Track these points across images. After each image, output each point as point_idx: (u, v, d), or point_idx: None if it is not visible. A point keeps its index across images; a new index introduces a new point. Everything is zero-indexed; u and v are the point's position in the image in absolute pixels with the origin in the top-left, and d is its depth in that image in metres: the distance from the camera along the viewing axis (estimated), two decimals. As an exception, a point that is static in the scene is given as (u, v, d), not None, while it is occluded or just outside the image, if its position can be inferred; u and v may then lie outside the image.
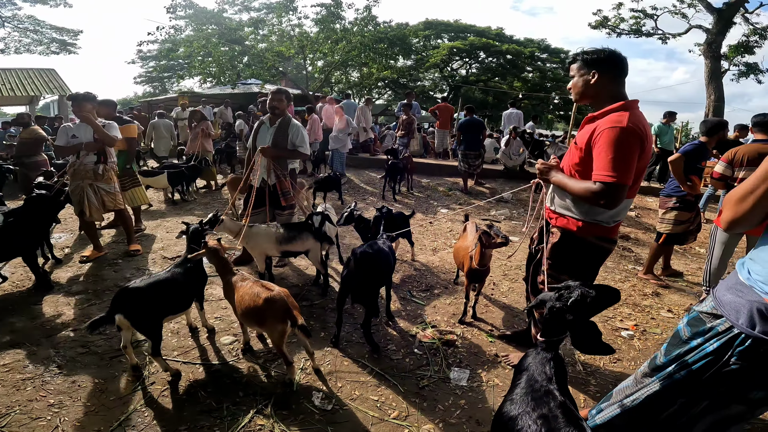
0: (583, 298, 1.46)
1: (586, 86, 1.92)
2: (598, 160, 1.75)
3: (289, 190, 3.72)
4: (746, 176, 3.29)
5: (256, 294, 2.23)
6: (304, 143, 3.67)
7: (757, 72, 13.58)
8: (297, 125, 3.67)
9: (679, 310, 3.57)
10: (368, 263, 2.63)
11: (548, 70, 25.63)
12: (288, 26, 13.05)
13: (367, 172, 8.60)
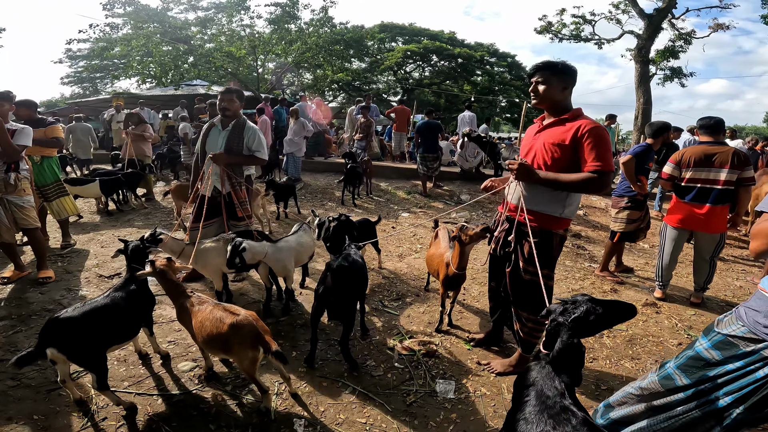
0: (588, 314, 1.44)
1: (554, 93, 2.12)
2: (592, 153, 1.96)
3: (245, 200, 3.43)
4: (692, 176, 3.49)
5: (219, 319, 1.99)
6: (262, 147, 3.37)
7: (681, 76, 14.75)
8: (253, 128, 3.36)
9: (638, 305, 3.69)
10: (346, 277, 2.46)
11: (496, 74, 26.66)
12: (239, 26, 12.50)
13: (323, 177, 8.34)
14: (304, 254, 3.25)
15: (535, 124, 2.36)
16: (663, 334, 3.23)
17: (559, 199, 2.14)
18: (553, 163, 2.09)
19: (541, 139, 2.18)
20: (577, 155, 2.03)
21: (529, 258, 2.11)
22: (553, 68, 2.11)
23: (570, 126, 2.07)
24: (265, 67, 14.20)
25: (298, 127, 7.28)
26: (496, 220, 2.51)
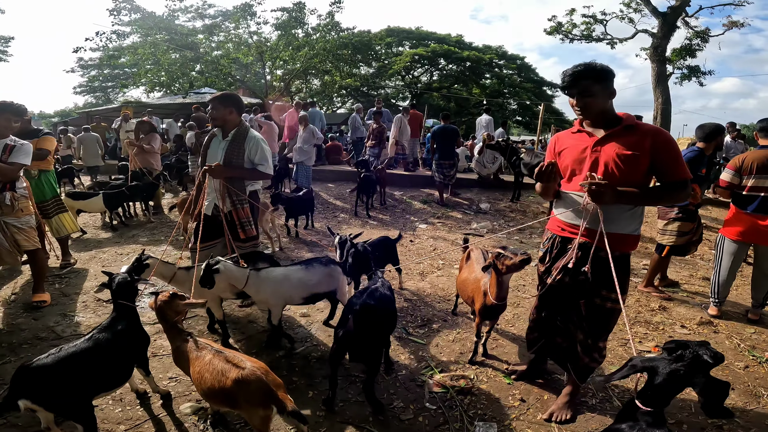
0: (717, 359, 1.32)
1: (603, 103, 1.90)
2: (676, 162, 1.84)
3: (248, 220, 3.01)
4: (755, 184, 3.09)
5: (221, 372, 1.69)
6: (266, 160, 2.99)
7: (699, 74, 14.26)
8: (256, 138, 2.98)
9: (692, 324, 3.32)
10: (372, 319, 2.11)
11: (506, 77, 26.33)
12: (246, 33, 12.38)
13: (334, 186, 8.04)
14: (295, 292, 2.66)
15: (572, 132, 2.05)
16: (728, 356, 2.85)
17: (636, 215, 1.95)
18: (627, 175, 1.85)
19: (608, 151, 1.88)
20: (653, 164, 1.85)
21: (610, 285, 1.85)
22: (596, 75, 1.85)
23: (643, 132, 1.86)
24: (273, 73, 14.07)
25: (308, 135, 6.99)
26: (554, 244, 2.15)
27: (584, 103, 1.89)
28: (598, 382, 2.31)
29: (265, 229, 4.65)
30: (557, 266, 2.08)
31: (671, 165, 1.83)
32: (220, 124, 2.98)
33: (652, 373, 1.36)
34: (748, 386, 2.53)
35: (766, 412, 2.30)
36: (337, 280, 2.74)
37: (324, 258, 2.82)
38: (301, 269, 2.67)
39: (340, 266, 2.78)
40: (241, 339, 2.96)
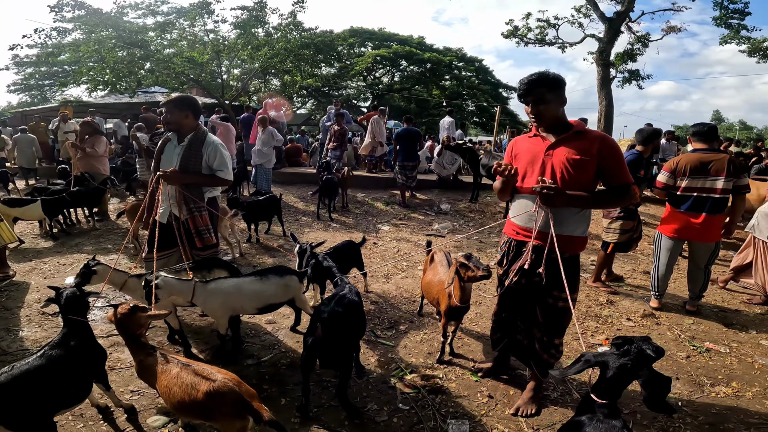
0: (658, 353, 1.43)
1: (556, 110, 2.01)
2: (619, 166, 1.97)
3: (206, 228, 2.88)
4: (688, 185, 3.37)
5: (191, 386, 1.64)
6: (225, 166, 2.86)
7: (639, 78, 15.26)
8: (215, 143, 2.85)
9: (636, 317, 3.57)
10: (341, 326, 2.11)
11: (464, 78, 26.97)
12: (202, 31, 11.88)
13: (294, 189, 7.91)
14: (248, 303, 2.59)
15: (528, 137, 2.17)
16: (669, 347, 3.09)
17: (585, 218, 2.07)
18: (576, 179, 1.97)
19: (559, 156, 2.00)
20: (600, 169, 1.98)
21: (561, 285, 1.94)
22: (549, 84, 1.96)
23: (590, 139, 1.99)
24: (230, 73, 13.61)
25: (267, 137, 6.83)
26: (510, 248, 2.25)
27: (538, 111, 2.00)
28: (554, 377, 2.43)
29: (224, 235, 4.50)
30: (514, 269, 2.17)
31: (616, 170, 1.96)
32: (174, 128, 2.84)
33: (603, 367, 1.45)
34: (691, 376, 2.73)
35: (710, 401, 2.48)
36: (294, 289, 2.69)
37: (279, 268, 2.76)
38: (255, 280, 2.61)
39: (298, 275, 2.73)
40: (205, 349, 2.87)
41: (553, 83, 1.97)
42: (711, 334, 3.32)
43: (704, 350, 3.05)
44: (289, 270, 2.74)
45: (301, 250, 2.91)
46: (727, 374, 2.75)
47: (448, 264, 2.82)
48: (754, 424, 2.25)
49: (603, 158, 1.95)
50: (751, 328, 3.46)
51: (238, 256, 4.71)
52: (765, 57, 13.14)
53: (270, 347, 2.88)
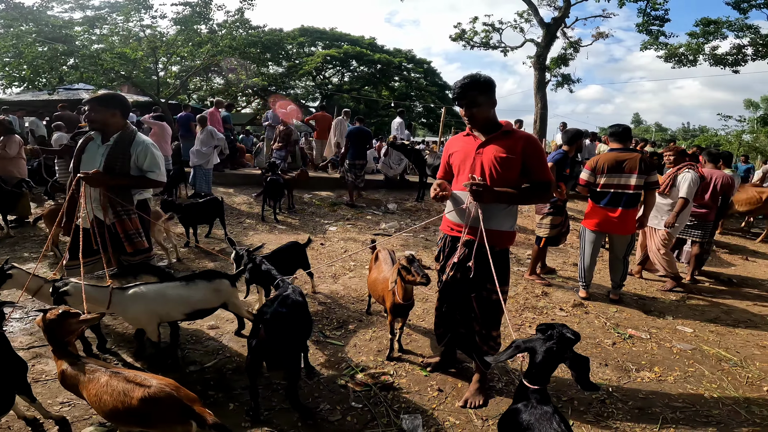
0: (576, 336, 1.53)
1: (487, 112, 2.14)
2: (541, 165, 2.11)
3: (137, 231, 2.74)
4: (606, 182, 3.67)
5: (123, 393, 1.57)
6: (157, 167, 2.71)
7: (570, 82, 16.33)
8: (144, 143, 2.70)
9: (568, 307, 3.82)
10: (285, 327, 2.08)
11: (413, 80, 27.45)
12: (137, 26, 11.15)
13: (239, 191, 7.62)
14: (173, 309, 2.46)
15: (463, 136, 2.29)
16: (597, 334, 3.34)
17: (511, 213, 2.20)
18: (503, 176, 2.09)
19: (488, 154, 2.12)
20: (524, 166, 2.11)
21: (493, 278, 2.02)
22: (480, 87, 2.09)
23: (516, 138, 2.11)
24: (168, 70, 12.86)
25: (206, 137, 6.53)
26: (446, 243, 2.33)
27: (471, 113, 2.13)
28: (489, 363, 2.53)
29: (158, 239, 4.25)
30: (450, 263, 2.26)
31: (538, 167, 2.10)
32: (99, 127, 2.66)
33: (532, 352, 1.53)
34: (618, 362, 2.94)
35: (637, 386, 2.67)
36: (225, 294, 2.59)
37: (209, 272, 2.65)
38: (180, 285, 2.48)
39: (230, 279, 2.64)
40: (143, 357, 2.71)
41: (484, 86, 2.10)
42: (633, 321, 3.62)
43: (628, 337, 3.32)
44: (219, 274, 2.63)
45: (237, 255, 2.82)
46: (650, 359, 3.00)
47: (392, 262, 2.87)
48: (678, 407, 2.45)
49: (527, 156, 2.08)
50: (668, 314, 3.83)
51: (175, 261, 4.46)
52: (679, 62, 14.53)
53: (213, 353, 2.77)
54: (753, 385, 2.75)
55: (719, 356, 3.10)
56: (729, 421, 2.34)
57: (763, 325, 3.75)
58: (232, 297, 2.63)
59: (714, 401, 2.54)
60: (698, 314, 3.88)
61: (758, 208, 7.40)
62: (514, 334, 3.23)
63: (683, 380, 2.76)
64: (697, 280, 4.84)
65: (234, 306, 2.67)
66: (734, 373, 2.87)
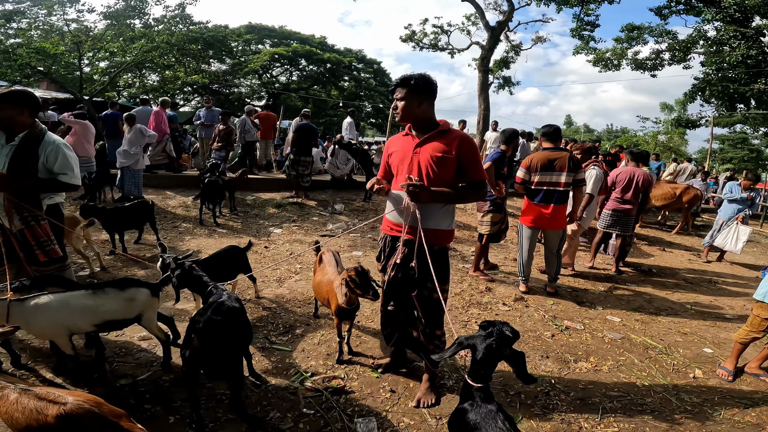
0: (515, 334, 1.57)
1: (412, 109, 2.13)
2: (475, 164, 2.14)
3: (48, 239, 2.51)
4: (540, 180, 3.85)
5: (37, 411, 1.47)
6: (69, 168, 2.48)
7: (511, 84, 17.11)
8: (55, 143, 2.46)
9: (510, 301, 3.96)
10: (220, 335, 1.97)
11: (363, 80, 27.45)
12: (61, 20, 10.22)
13: (174, 193, 7.14)
14: (80, 320, 2.24)
15: (402, 135, 2.29)
16: (537, 327, 3.47)
17: (449, 212, 2.21)
18: (439, 175, 2.10)
19: (424, 153, 2.13)
20: (459, 165, 2.12)
21: (432, 278, 2.04)
22: (408, 85, 2.10)
23: (452, 138, 2.12)
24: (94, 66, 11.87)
25: (134, 136, 6.03)
26: (386, 243, 2.30)
27: (396, 106, 2.15)
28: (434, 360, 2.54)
29: (76, 247, 3.87)
30: (390, 264, 2.24)
31: (472, 166, 2.12)
32: (4, 125, 2.40)
33: (473, 349, 1.56)
34: (557, 354, 3.07)
35: (576, 377, 2.77)
36: (141, 304, 2.37)
37: (123, 280, 2.43)
38: (87, 295, 2.25)
39: (150, 288, 2.42)
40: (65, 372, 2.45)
41: (412, 85, 2.10)
42: (568, 313, 3.82)
43: (564, 328, 3.48)
44: (135, 282, 2.41)
45: (163, 263, 2.61)
46: (585, 350, 3.16)
47: (336, 263, 2.81)
48: (614, 396, 2.59)
49: (462, 156, 2.09)
50: (598, 305, 4.09)
51: (98, 270, 4.08)
52: (606, 67, 15.76)
53: (147, 365, 2.56)
54: (679, 372, 2.96)
55: (646, 344, 3.33)
56: (662, 409, 2.49)
57: (683, 312, 4.13)
58: (149, 309, 2.41)
59: (646, 389, 2.69)
60: (624, 304, 4.19)
61: (672, 202, 8.20)
62: (461, 330, 3.29)
63: (616, 369, 2.92)
64: (622, 271, 5.25)
65: (147, 320, 2.43)
66: (661, 361, 3.09)
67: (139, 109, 7.60)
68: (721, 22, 12.86)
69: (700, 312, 4.17)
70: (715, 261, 6.31)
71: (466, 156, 2.10)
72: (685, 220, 8.34)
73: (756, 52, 12.29)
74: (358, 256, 4.98)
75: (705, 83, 14.55)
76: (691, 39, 14.36)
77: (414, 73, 2.13)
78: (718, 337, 3.59)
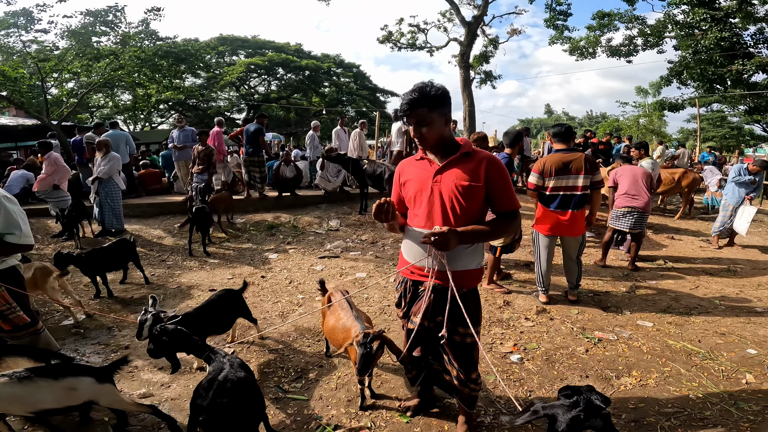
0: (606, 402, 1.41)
1: (441, 131, 1.79)
2: (507, 191, 1.82)
3: (9, 307, 2.22)
4: (555, 185, 3.58)
5: None
6: (15, 226, 2.14)
7: (492, 78, 17.00)
8: None
9: (532, 314, 3.68)
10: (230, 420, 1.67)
11: (343, 84, 27.11)
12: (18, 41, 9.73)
13: (156, 222, 6.70)
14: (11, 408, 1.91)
15: (416, 160, 1.94)
16: (568, 342, 3.22)
17: (478, 250, 1.92)
18: (466, 209, 1.81)
19: (447, 182, 1.80)
20: (488, 194, 1.83)
21: (465, 322, 1.79)
22: (429, 100, 1.72)
23: (477, 161, 1.81)
24: (61, 88, 11.33)
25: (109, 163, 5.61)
26: (407, 288, 1.99)
27: (420, 134, 1.77)
28: (504, 422, 2.27)
29: (54, 298, 3.50)
30: (414, 311, 1.95)
31: (503, 194, 1.81)
32: None
33: (552, 420, 1.41)
34: (597, 371, 2.82)
35: (623, 395, 2.55)
36: (86, 393, 1.98)
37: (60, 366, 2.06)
38: (11, 383, 1.85)
39: (95, 374, 2.02)
40: None
41: (435, 100, 1.74)
42: (596, 322, 3.56)
43: (597, 341, 3.23)
44: (75, 369, 2.02)
45: (141, 319, 2.27)
46: (625, 363, 2.92)
47: (349, 306, 2.48)
48: (670, 413, 2.35)
49: (491, 182, 1.79)
50: (624, 309, 3.84)
51: (83, 318, 3.70)
52: (582, 55, 15.78)
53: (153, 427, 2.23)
54: (730, 378, 2.76)
55: (687, 350, 3.11)
56: (724, 422, 2.29)
57: (713, 309, 3.91)
58: (102, 397, 2.02)
59: (701, 401, 2.49)
60: (651, 305, 3.96)
61: (672, 188, 8.07)
62: (489, 354, 3.01)
63: (663, 381, 2.71)
64: (638, 267, 5.03)
65: (111, 403, 2.07)
66: (708, 368, 2.88)
67: (110, 134, 7.11)
68: (689, 5, 12.96)
69: (730, 307, 3.96)
70: (726, 246, 6.16)
71: (495, 182, 1.79)
72: (686, 205, 8.23)
73: (729, 34, 12.40)
74: (362, 278, 4.64)
75: (683, 66, 14.65)
76: (661, 24, 14.47)
77: (424, 84, 1.76)
78: (757, 335, 3.38)
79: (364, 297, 4.11)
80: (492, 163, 1.80)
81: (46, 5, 9.65)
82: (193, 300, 4.11)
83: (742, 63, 12.55)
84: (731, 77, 13.50)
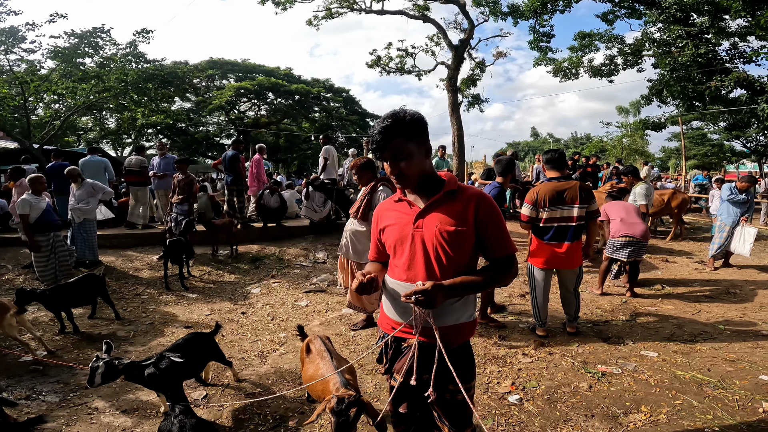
0: None
1: (421, 164, 1.54)
2: (502, 235, 1.57)
3: None
4: (549, 216, 3.41)
5: None
6: None
7: (480, 102, 17.13)
8: None
9: (530, 350, 3.46)
10: None
11: (333, 109, 27.24)
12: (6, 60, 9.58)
13: (135, 253, 6.39)
14: None
15: (394, 202, 1.69)
16: (570, 379, 3.00)
17: (469, 301, 1.63)
18: (453, 258, 1.54)
19: (429, 228, 1.53)
20: (478, 238, 1.56)
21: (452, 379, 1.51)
22: (406, 130, 1.49)
23: (464, 200, 1.54)
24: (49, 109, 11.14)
25: (84, 193, 5.34)
26: (389, 345, 1.75)
27: (398, 169, 1.51)
28: None
29: (11, 335, 3.32)
30: (396, 368, 1.70)
31: (497, 238, 1.56)
32: None
33: None
34: (602, 409, 2.61)
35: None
36: None
37: None
38: None
39: None
40: None
41: (413, 128, 1.50)
42: (598, 355, 3.36)
43: (601, 375, 3.03)
44: None
45: (93, 366, 2.06)
46: (632, 398, 2.73)
47: (329, 355, 2.24)
48: None
49: (481, 224, 1.54)
50: (627, 339, 3.64)
51: (45, 354, 3.42)
52: (565, 76, 16.05)
53: None
54: (746, 408, 2.58)
55: (697, 380, 2.93)
56: None
57: (718, 335, 3.74)
58: None
59: None
60: (654, 333, 3.77)
61: (662, 209, 8.03)
62: (485, 397, 2.76)
63: (676, 416, 2.51)
64: (636, 293, 4.86)
65: None
66: (722, 398, 2.69)
67: (86, 160, 6.83)
68: (664, 23, 13.30)
69: (735, 332, 3.80)
70: (722, 267, 6.05)
71: (486, 225, 1.53)
72: (676, 226, 8.18)
73: (705, 50, 12.69)
74: (349, 313, 4.38)
75: (662, 85, 14.94)
76: (639, 42, 14.87)
77: (397, 110, 1.53)
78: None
79: (351, 335, 3.85)
80: (482, 202, 1.55)
81: (35, 24, 9.53)
82: (166, 338, 3.83)
83: (720, 79, 12.81)
84: (710, 94, 13.72)
